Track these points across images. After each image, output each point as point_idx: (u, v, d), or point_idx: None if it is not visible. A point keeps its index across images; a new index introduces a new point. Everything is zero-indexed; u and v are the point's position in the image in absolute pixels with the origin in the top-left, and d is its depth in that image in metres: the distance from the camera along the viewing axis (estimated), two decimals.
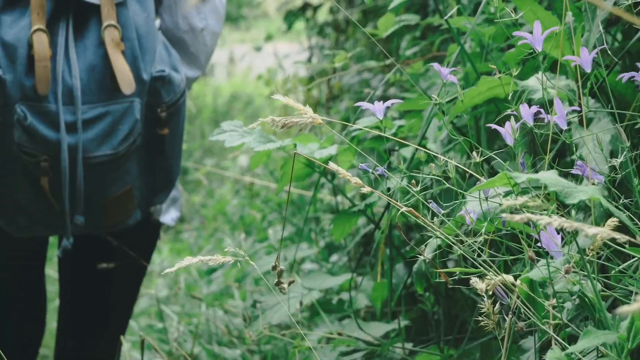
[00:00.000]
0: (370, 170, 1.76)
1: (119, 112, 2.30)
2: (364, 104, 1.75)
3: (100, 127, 2.29)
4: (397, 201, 1.67)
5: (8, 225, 2.46)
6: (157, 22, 2.57)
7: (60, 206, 2.33)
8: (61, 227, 2.39)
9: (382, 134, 1.74)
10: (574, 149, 1.72)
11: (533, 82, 1.91)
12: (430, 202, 1.66)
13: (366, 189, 1.59)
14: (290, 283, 1.81)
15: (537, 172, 1.58)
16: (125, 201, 2.42)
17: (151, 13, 2.40)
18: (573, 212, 1.65)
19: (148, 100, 2.36)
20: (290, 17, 5.88)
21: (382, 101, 1.74)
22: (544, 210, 1.43)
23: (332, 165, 1.61)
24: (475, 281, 1.56)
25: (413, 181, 1.65)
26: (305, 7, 5.84)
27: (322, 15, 6.23)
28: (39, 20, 2.24)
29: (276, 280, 1.78)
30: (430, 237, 1.72)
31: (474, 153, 1.64)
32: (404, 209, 1.61)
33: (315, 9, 5.81)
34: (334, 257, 3.66)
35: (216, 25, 2.62)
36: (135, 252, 2.67)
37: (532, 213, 1.36)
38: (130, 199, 2.43)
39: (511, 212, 1.44)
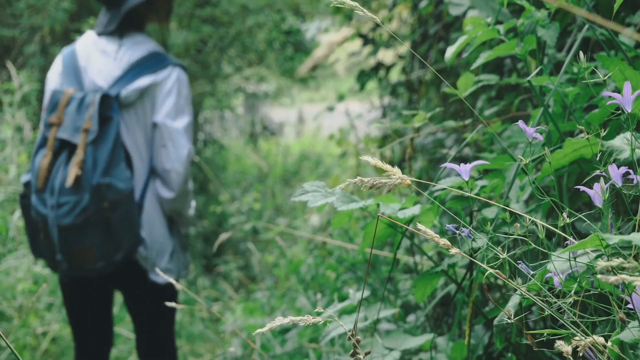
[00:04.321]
0: (457, 232, 1.76)
1: (76, 200, 3.87)
2: (451, 165, 1.76)
3: (67, 207, 3.88)
4: (481, 262, 1.67)
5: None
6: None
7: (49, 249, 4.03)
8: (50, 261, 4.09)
9: (467, 194, 1.75)
10: None
11: (619, 142, 1.90)
12: (520, 263, 1.66)
13: (454, 251, 1.59)
14: (366, 354, 1.80)
15: (622, 233, 1.58)
16: (87, 254, 3.93)
17: (111, 149, 3.95)
18: None
19: (97, 196, 3.89)
20: (363, 77, 5.92)
21: (460, 162, 1.75)
22: (637, 271, 1.42)
23: (419, 227, 1.61)
24: (560, 344, 1.54)
25: (498, 245, 1.65)
26: (378, 67, 5.88)
27: (394, 75, 6.26)
28: (49, 151, 3.99)
29: (352, 351, 1.78)
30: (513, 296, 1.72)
31: (564, 214, 1.64)
32: (491, 270, 1.61)
33: (388, 68, 5.84)
34: (411, 317, 3.64)
35: (180, 168, 4.09)
36: (151, 304, 4.25)
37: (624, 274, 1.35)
38: (90, 253, 3.93)
39: (602, 273, 1.44)
